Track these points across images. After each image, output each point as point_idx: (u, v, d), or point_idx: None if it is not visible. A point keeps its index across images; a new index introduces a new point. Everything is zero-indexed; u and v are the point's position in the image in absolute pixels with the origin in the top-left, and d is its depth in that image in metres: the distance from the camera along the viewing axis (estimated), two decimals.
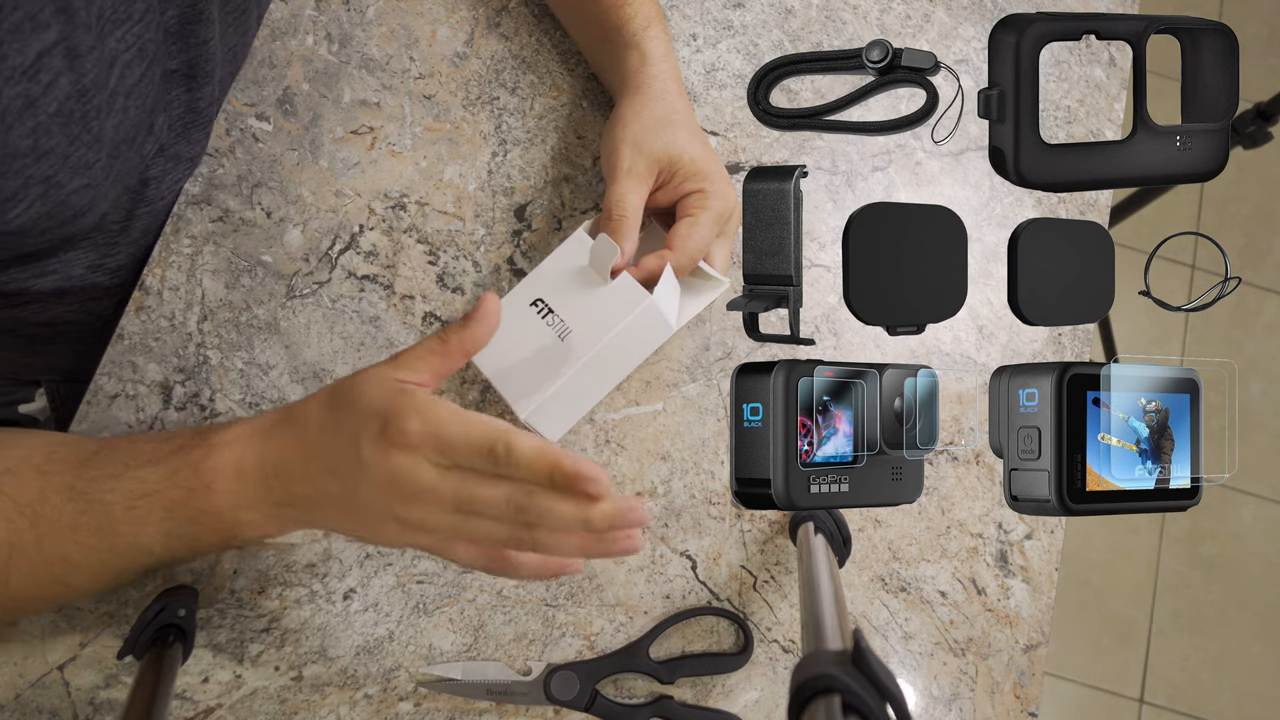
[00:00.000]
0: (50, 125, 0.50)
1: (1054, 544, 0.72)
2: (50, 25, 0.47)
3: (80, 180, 0.54)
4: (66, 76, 0.49)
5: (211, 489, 0.51)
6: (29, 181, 0.51)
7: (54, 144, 0.51)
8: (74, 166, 0.53)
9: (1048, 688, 1.76)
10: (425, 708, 0.63)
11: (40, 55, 0.47)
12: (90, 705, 0.60)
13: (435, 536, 0.50)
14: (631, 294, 0.63)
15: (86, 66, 0.50)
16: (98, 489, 0.52)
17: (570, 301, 0.63)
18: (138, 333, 0.67)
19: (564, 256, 0.64)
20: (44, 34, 0.47)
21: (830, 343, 0.74)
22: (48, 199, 0.52)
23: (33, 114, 0.48)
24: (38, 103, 0.48)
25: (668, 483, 0.69)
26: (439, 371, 0.52)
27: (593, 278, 0.63)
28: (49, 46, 0.48)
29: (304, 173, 0.71)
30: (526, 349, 0.62)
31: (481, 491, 0.49)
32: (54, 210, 0.54)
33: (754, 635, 0.67)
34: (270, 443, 0.52)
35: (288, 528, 0.54)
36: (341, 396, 0.51)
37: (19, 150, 0.49)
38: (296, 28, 0.74)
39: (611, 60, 0.71)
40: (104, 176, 0.56)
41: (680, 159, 0.64)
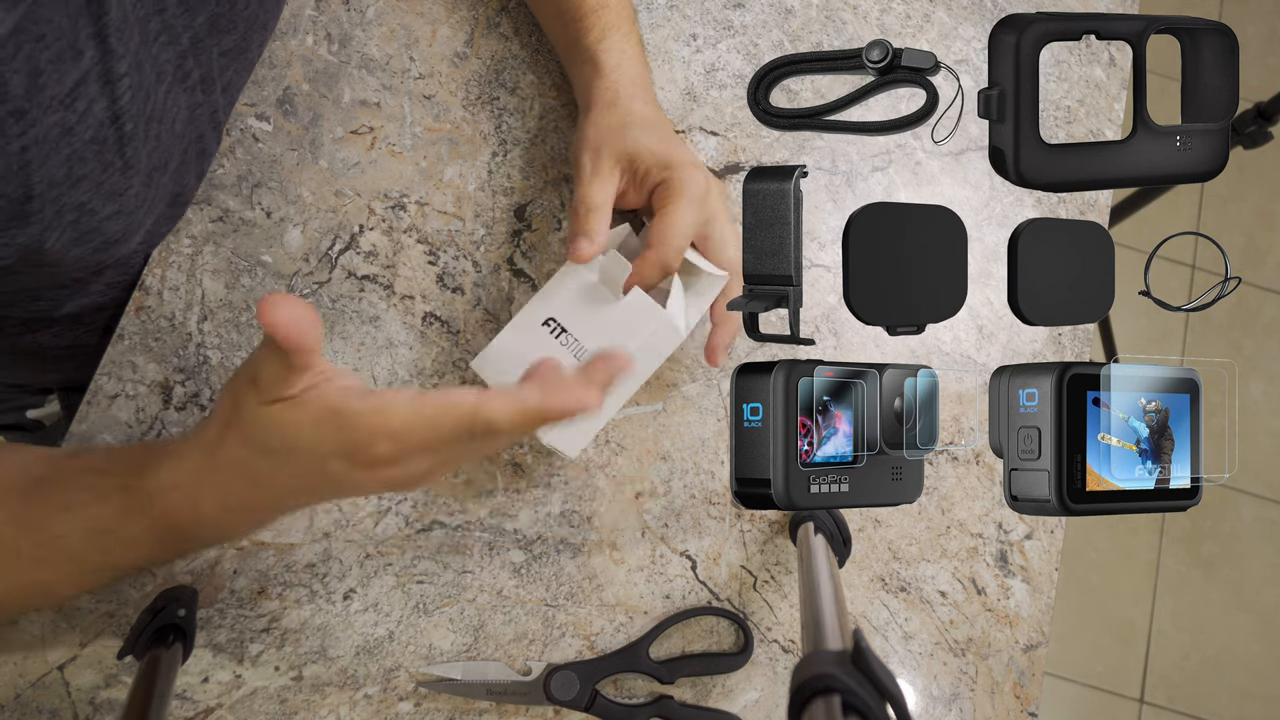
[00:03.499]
0: (85, 152, 0.49)
1: (1054, 544, 0.72)
2: (85, 53, 0.47)
3: (112, 207, 0.53)
4: (100, 104, 0.49)
5: (175, 529, 0.49)
6: (63, 209, 0.50)
7: (88, 170, 0.50)
8: (107, 194, 0.52)
9: (1048, 688, 1.76)
10: (425, 708, 0.63)
11: (77, 84, 0.47)
12: (90, 705, 0.60)
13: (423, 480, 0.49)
14: (645, 310, 0.63)
15: (119, 92, 0.50)
16: (51, 523, 0.49)
17: (583, 321, 0.63)
18: (138, 333, 0.67)
19: (570, 274, 0.64)
20: (80, 62, 0.47)
21: (830, 343, 0.74)
22: (80, 225, 0.52)
23: (69, 142, 0.48)
24: (74, 130, 0.48)
25: (668, 483, 0.69)
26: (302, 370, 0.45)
27: (603, 294, 0.64)
28: (85, 74, 0.47)
29: (304, 173, 0.71)
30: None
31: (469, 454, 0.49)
32: (85, 236, 0.53)
33: (754, 635, 0.67)
34: (220, 489, 0.48)
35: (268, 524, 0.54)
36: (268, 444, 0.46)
37: (55, 178, 0.49)
38: (296, 28, 0.74)
39: (574, 76, 0.72)
40: (137, 204, 0.56)
41: (639, 153, 0.64)
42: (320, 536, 0.65)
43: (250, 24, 0.64)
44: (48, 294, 0.63)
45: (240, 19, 0.62)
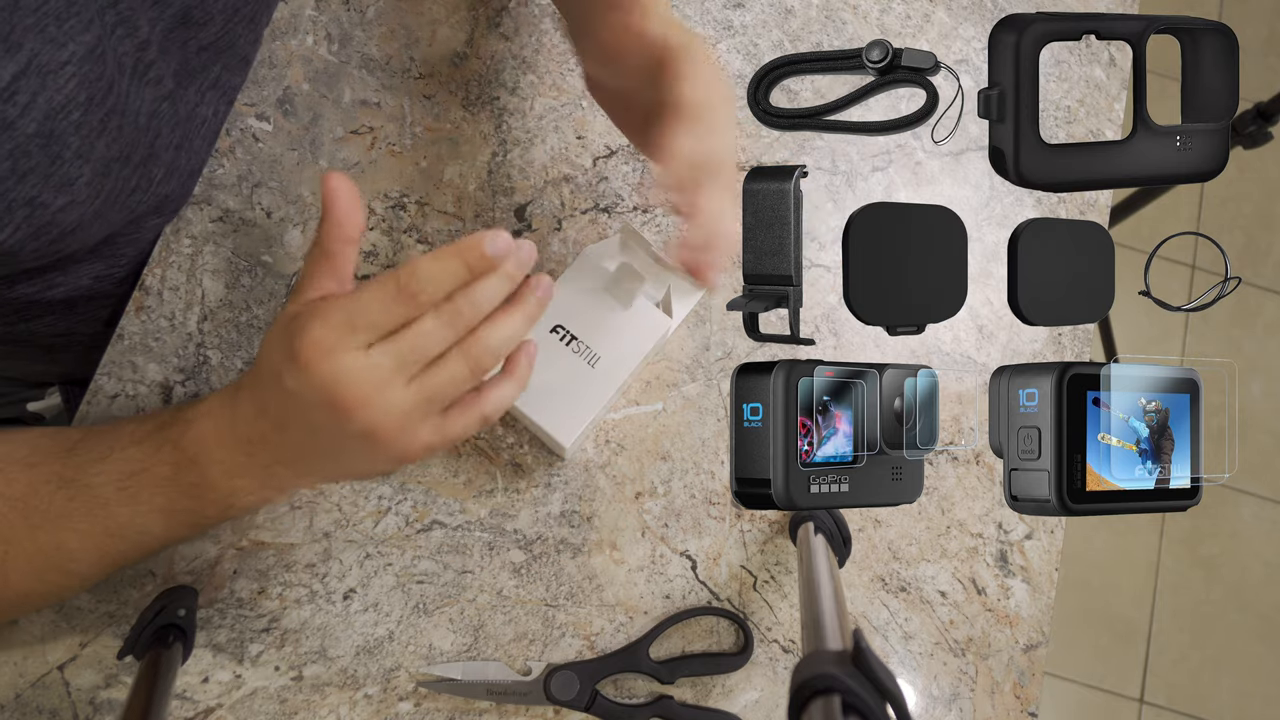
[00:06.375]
0: (29, 146, 0.49)
1: (1054, 544, 0.72)
2: (23, 45, 0.46)
3: (64, 198, 0.53)
4: (44, 95, 0.48)
5: (197, 462, 0.51)
6: (13, 204, 0.50)
7: (34, 164, 0.50)
8: (57, 185, 0.52)
9: (1048, 688, 1.76)
10: (425, 708, 0.63)
11: (16, 77, 0.46)
12: (90, 705, 0.60)
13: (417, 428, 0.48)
14: (653, 319, 0.65)
15: (61, 82, 0.49)
16: (85, 474, 0.52)
17: (592, 327, 0.64)
18: (138, 333, 0.67)
19: (574, 279, 0.65)
20: (17, 55, 0.46)
21: (830, 343, 0.74)
22: (34, 220, 0.52)
23: (10, 136, 0.47)
24: (15, 124, 0.47)
25: (668, 483, 0.69)
26: (339, 275, 0.50)
27: (608, 300, 0.65)
28: (24, 68, 0.47)
29: (304, 173, 0.71)
30: (558, 377, 0.63)
31: (414, 339, 0.46)
32: (41, 230, 0.53)
33: (754, 635, 0.67)
34: (237, 410, 0.51)
35: (286, 486, 0.53)
36: (262, 356, 0.50)
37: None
38: (296, 28, 0.74)
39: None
40: (91, 194, 0.55)
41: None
42: (320, 536, 0.65)
43: (230, 16, 0.63)
44: (21, 283, 0.62)
45: (215, 10, 0.61)
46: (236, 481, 0.52)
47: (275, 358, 0.48)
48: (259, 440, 0.51)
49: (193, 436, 0.51)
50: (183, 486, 0.52)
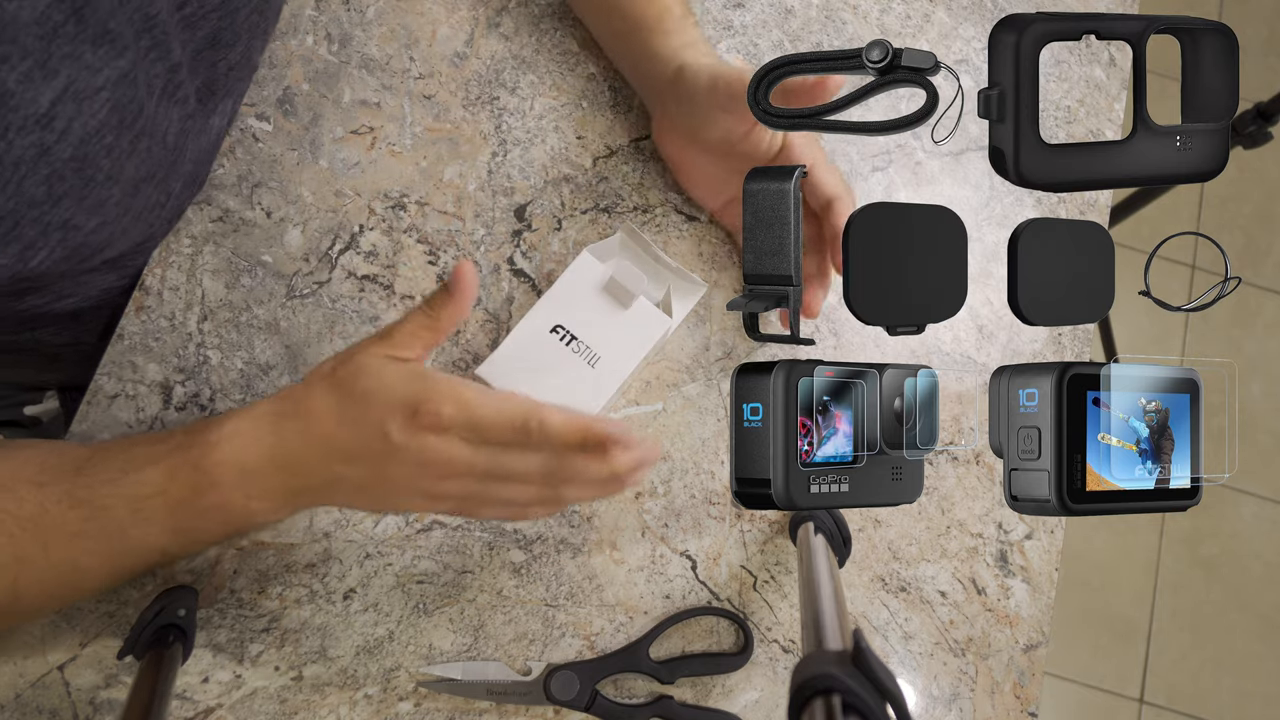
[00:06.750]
0: (64, 170, 0.49)
1: (1054, 544, 0.72)
2: (60, 71, 0.46)
3: (96, 219, 0.53)
4: (79, 121, 0.48)
5: (218, 485, 0.52)
6: (49, 227, 0.50)
7: (69, 188, 0.50)
8: (90, 208, 0.52)
9: (1048, 688, 1.76)
10: (425, 708, 0.63)
11: (53, 103, 0.46)
12: (90, 705, 0.60)
13: (462, 503, 0.53)
14: (653, 319, 0.66)
15: (95, 107, 0.49)
16: (98, 495, 0.52)
17: (592, 327, 0.64)
18: (138, 333, 0.67)
19: (573, 280, 0.65)
20: (54, 81, 0.46)
21: (830, 343, 0.74)
22: (67, 243, 0.52)
23: (47, 161, 0.48)
24: (52, 150, 0.48)
25: (668, 483, 0.69)
26: (429, 344, 0.54)
27: (607, 300, 0.65)
28: (60, 93, 0.47)
29: (304, 173, 0.71)
30: (559, 377, 0.63)
31: (514, 463, 0.52)
32: (74, 251, 0.53)
33: (754, 635, 0.67)
34: (278, 437, 0.52)
35: (299, 510, 0.56)
36: (352, 386, 0.52)
37: (34, 198, 0.48)
38: (296, 28, 0.74)
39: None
40: (120, 213, 0.56)
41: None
42: (320, 536, 0.65)
43: (252, 34, 0.63)
44: (31, 295, 0.62)
45: (243, 30, 0.61)
46: (254, 505, 0.53)
47: (390, 409, 0.51)
48: (295, 469, 0.52)
49: (216, 460, 0.52)
50: (198, 509, 0.52)
